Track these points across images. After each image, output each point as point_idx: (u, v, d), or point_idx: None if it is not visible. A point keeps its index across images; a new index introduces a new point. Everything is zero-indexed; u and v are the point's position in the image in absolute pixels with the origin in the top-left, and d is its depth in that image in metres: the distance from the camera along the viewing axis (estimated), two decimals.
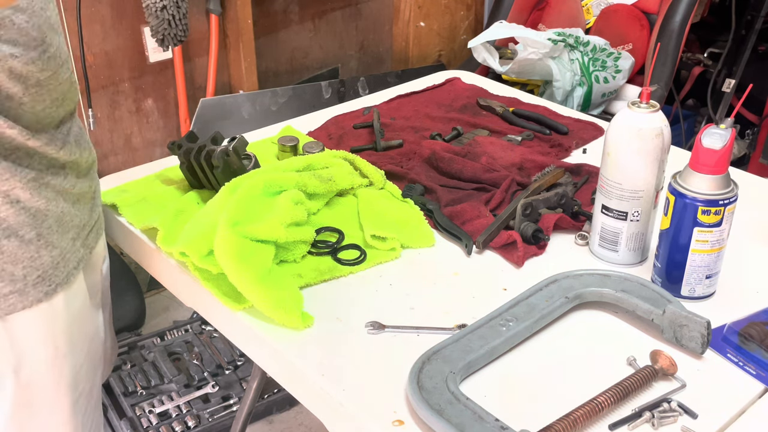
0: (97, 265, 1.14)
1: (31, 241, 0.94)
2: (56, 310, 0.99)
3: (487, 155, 1.35)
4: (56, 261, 0.98)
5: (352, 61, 3.00)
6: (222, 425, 2.00)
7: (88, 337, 1.09)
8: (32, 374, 1.00)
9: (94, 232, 1.08)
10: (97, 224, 1.10)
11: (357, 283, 1.06)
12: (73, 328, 1.03)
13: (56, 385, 1.03)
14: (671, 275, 1.01)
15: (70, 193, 1.00)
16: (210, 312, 1.07)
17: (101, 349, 1.16)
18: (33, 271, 0.95)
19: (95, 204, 1.09)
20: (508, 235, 1.12)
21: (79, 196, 1.03)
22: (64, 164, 0.99)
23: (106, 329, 1.22)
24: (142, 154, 2.50)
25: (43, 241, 0.96)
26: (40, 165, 0.96)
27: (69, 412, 1.06)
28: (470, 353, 0.89)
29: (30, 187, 0.94)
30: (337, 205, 1.22)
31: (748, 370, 0.90)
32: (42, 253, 0.96)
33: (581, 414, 0.81)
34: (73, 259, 1.01)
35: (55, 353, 1.01)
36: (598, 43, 2.39)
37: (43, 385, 1.02)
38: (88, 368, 1.09)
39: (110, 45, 2.29)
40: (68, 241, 1.00)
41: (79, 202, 1.03)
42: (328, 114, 1.59)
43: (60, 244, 0.98)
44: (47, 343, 1.00)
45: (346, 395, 0.87)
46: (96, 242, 1.09)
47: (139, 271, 2.39)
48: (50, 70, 0.93)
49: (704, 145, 0.95)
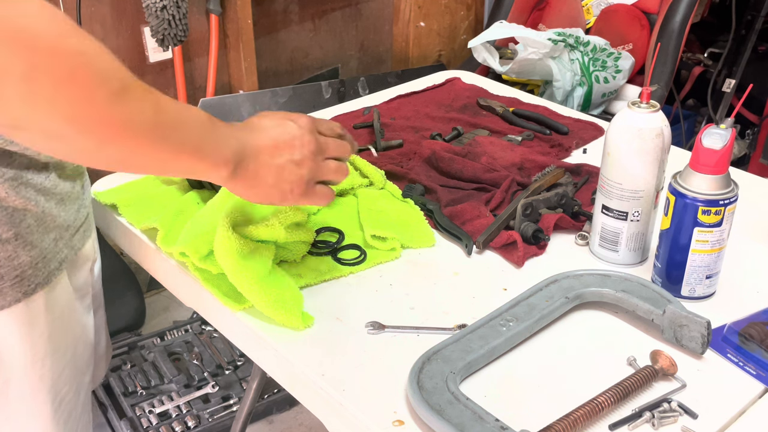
0: (84, 266, 1.11)
1: (9, 240, 0.91)
2: (35, 312, 0.96)
3: (487, 155, 1.35)
4: (35, 261, 0.94)
5: (352, 61, 3.00)
6: (222, 425, 2.00)
7: (72, 340, 1.05)
8: (9, 377, 0.96)
9: (80, 233, 1.04)
10: (85, 225, 1.06)
11: (357, 283, 1.06)
12: (54, 330, 0.99)
13: (36, 389, 0.99)
14: (671, 275, 1.01)
15: (52, 192, 0.97)
16: (210, 312, 1.07)
17: (89, 352, 1.12)
18: (11, 271, 0.92)
19: (82, 205, 1.06)
20: (509, 235, 1.12)
21: (62, 197, 0.99)
22: (47, 164, 0.96)
23: (98, 332, 1.19)
24: None
25: (21, 240, 0.92)
26: (20, 165, 0.92)
27: (49, 417, 1.02)
28: (470, 353, 0.89)
29: (7, 186, 0.90)
30: (337, 205, 1.22)
31: (749, 370, 0.90)
32: (20, 252, 0.92)
33: (581, 414, 0.81)
34: (55, 260, 0.98)
35: (33, 355, 0.97)
36: (598, 43, 2.39)
37: (20, 389, 0.98)
38: (71, 372, 1.05)
39: (110, 45, 2.26)
40: (50, 242, 0.97)
41: (63, 203, 1.00)
42: (328, 114, 1.59)
43: (40, 244, 0.95)
44: (25, 344, 0.96)
45: (346, 395, 0.87)
46: (83, 243, 1.06)
47: (139, 271, 2.39)
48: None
49: (704, 145, 0.95)
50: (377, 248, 1.11)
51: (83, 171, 1.08)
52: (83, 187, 1.08)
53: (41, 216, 0.95)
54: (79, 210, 1.04)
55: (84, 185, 1.08)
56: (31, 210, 0.94)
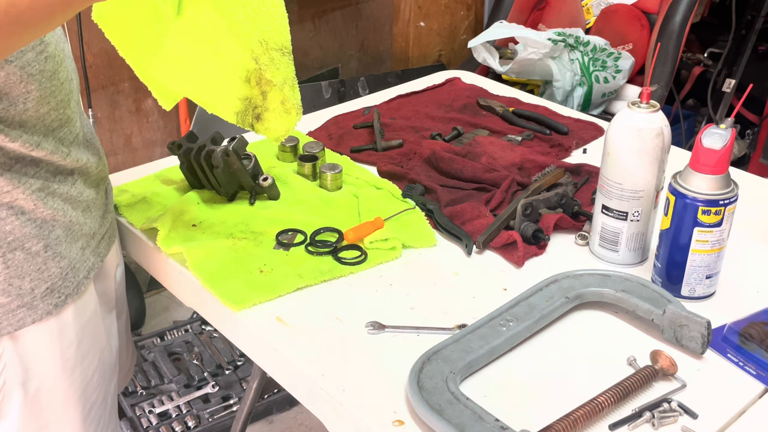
0: (109, 272, 1.12)
1: (38, 253, 0.92)
2: (65, 322, 0.96)
3: (487, 155, 1.35)
4: (65, 272, 0.95)
5: (352, 61, 3.00)
6: (222, 425, 2.00)
7: (99, 347, 1.06)
8: (40, 387, 0.97)
9: (105, 239, 1.05)
10: (109, 231, 1.07)
11: (357, 283, 1.06)
12: (83, 339, 1.00)
13: (66, 397, 1.00)
14: (671, 275, 1.01)
15: (78, 200, 0.98)
16: (210, 312, 1.07)
17: (114, 357, 1.12)
18: (41, 284, 0.92)
19: (107, 211, 1.07)
20: (509, 235, 1.12)
21: (88, 204, 1.00)
22: (72, 170, 0.97)
23: (121, 336, 1.19)
24: (142, 154, 2.50)
25: (50, 252, 0.93)
26: (47, 173, 0.93)
27: (80, 423, 1.03)
28: (470, 353, 0.89)
29: (35, 198, 0.91)
30: (337, 205, 1.22)
31: (748, 370, 0.90)
32: (50, 264, 0.93)
33: (581, 414, 0.81)
34: (83, 269, 0.98)
35: (63, 365, 0.98)
36: (598, 43, 2.39)
37: (52, 398, 0.99)
38: (99, 378, 1.06)
39: (110, 45, 2.27)
40: (77, 251, 0.97)
41: (89, 210, 1.00)
42: (328, 114, 1.59)
43: (69, 255, 0.96)
44: (55, 355, 0.97)
45: (346, 395, 0.87)
46: (108, 250, 1.06)
47: (139, 271, 2.39)
48: (49, 70, 0.90)
49: (704, 145, 0.95)
50: (377, 248, 1.11)
51: (105, 176, 1.08)
52: (106, 192, 1.09)
53: (69, 225, 0.96)
54: (104, 216, 1.05)
55: (107, 191, 1.09)
56: (60, 220, 0.94)
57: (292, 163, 1.35)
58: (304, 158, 1.31)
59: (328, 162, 1.32)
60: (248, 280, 1.03)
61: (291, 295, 1.03)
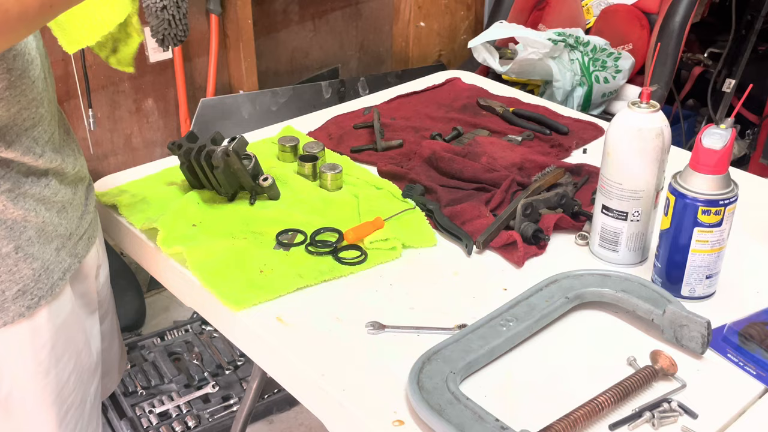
0: (89, 273, 1.08)
1: (9, 254, 0.89)
2: (39, 324, 0.94)
3: (487, 155, 1.35)
4: (38, 273, 0.92)
5: (352, 61, 3.00)
6: (222, 425, 2.00)
7: (75, 349, 1.03)
8: (12, 389, 0.95)
9: (84, 240, 1.02)
10: (89, 232, 1.04)
11: (357, 283, 1.06)
12: (57, 341, 0.97)
13: (39, 399, 0.97)
14: (671, 275, 1.01)
15: (52, 201, 0.95)
16: (210, 312, 1.07)
17: (94, 359, 1.09)
18: (12, 286, 0.90)
19: (86, 211, 1.04)
20: (509, 235, 1.12)
21: (64, 204, 0.97)
22: (47, 171, 0.94)
23: (108, 338, 1.17)
24: (142, 154, 2.51)
25: (21, 253, 0.90)
26: (18, 174, 0.90)
27: (55, 426, 1.00)
28: (470, 353, 0.89)
29: (5, 198, 0.88)
30: (337, 205, 1.22)
31: (748, 370, 0.90)
32: (21, 266, 0.91)
33: (581, 414, 0.81)
34: (58, 270, 0.96)
35: (36, 367, 0.96)
36: (598, 43, 2.39)
37: (24, 401, 0.96)
38: (76, 380, 1.03)
39: None
40: (51, 252, 0.95)
41: (65, 210, 0.98)
42: (328, 114, 1.59)
43: (42, 256, 0.93)
44: (27, 357, 0.94)
45: (346, 395, 0.87)
46: (87, 251, 1.03)
47: (139, 271, 2.39)
48: (18, 69, 0.86)
49: (704, 145, 0.95)
50: (377, 248, 1.11)
51: (85, 176, 1.06)
52: (86, 193, 1.06)
53: (42, 226, 0.93)
54: (82, 217, 1.02)
55: (87, 191, 1.06)
56: (31, 221, 0.92)
57: (292, 163, 1.35)
58: (304, 158, 1.31)
59: (328, 162, 1.32)
60: (248, 280, 1.04)
61: (291, 295, 1.03)
